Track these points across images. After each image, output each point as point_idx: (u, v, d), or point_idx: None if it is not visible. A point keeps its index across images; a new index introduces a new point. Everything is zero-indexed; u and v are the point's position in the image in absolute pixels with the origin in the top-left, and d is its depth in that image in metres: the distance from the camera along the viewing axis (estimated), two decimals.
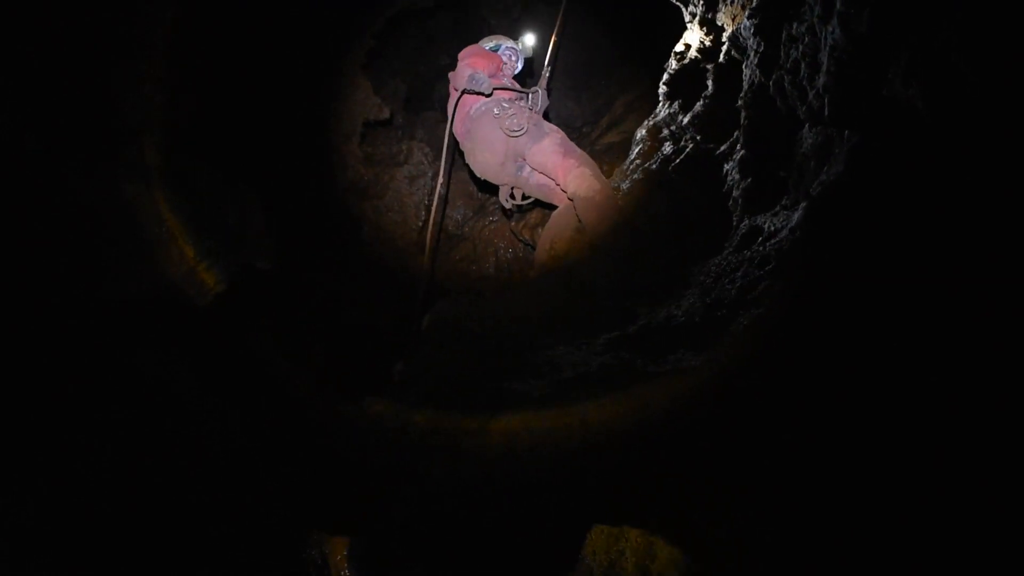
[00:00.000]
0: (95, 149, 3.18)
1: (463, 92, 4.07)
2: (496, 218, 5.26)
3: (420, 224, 5.36)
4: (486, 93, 4.01)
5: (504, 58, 4.49)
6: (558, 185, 4.00)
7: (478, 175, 4.41)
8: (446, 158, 4.20)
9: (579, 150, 4.03)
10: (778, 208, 2.81)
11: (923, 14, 1.89)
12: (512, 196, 4.40)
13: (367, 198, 5.41)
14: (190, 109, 3.62)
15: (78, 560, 2.27)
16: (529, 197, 4.38)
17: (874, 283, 2.08)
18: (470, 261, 5.03)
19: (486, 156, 4.18)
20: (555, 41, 4.45)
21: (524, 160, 4.14)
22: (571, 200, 3.82)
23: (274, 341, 3.42)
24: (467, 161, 4.40)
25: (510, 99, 4.16)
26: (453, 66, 6.64)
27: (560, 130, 4.20)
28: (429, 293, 4.04)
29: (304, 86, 4.86)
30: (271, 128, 4.39)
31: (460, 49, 6.40)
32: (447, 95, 6.79)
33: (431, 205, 5.47)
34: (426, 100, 6.71)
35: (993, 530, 1.57)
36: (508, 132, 3.97)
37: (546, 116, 4.33)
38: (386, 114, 5.67)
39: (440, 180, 4.29)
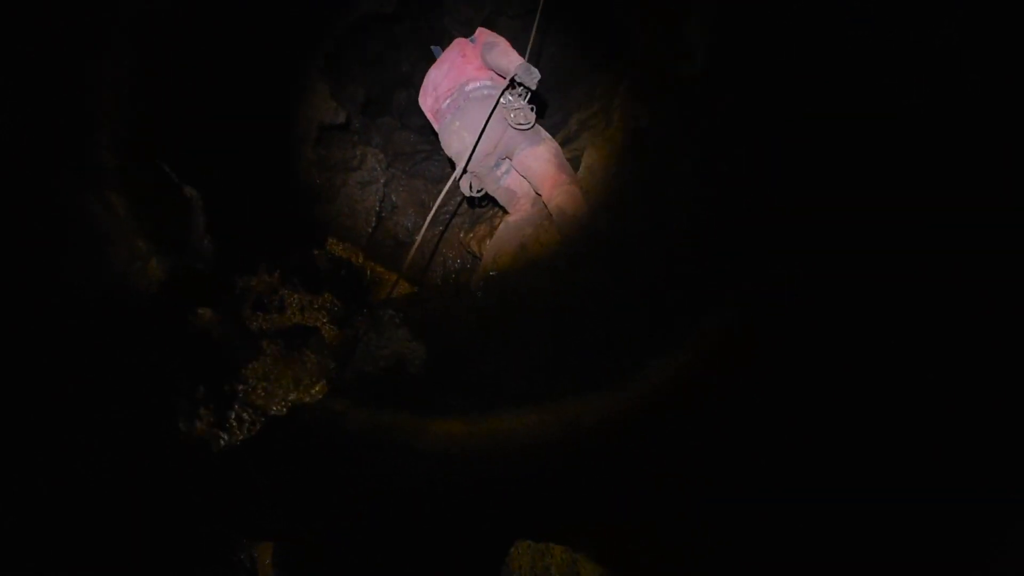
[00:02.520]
0: (50, 150, 3.11)
1: (511, 81, 3.77)
2: (445, 227, 5.26)
3: (370, 230, 5.33)
4: (532, 88, 3.77)
5: None
6: (539, 194, 3.93)
7: (451, 155, 4.23)
8: (473, 151, 3.88)
9: (569, 166, 3.96)
10: (719, 232, 2.85)
11: None
12: (471, 187, 4.17)
13: (318, 202, 5.35)
14: (144, 109, 3.55)
15: None
16: (482, 190, 4.21)
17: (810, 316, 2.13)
18: (418, 269, 5.01)
19: (474, 139, 3.87)
20: (534, 38, 4.24)
21: (509, 158, 4.03)
22: (551, 213, 3.75)
23: (206, 339, 3.36)
24: (441, 136, 4.22)
25: (514, 92, 3.92)
26: (414, 74, 6.66)
27: (554, 139, 4.08)
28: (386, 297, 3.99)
29: (259, 86, 4.80)
30: (222, 127, 4.32)
31: (421, 56, 6.40)
32: (406, 103, 6.83)
33: (381, 212, 5.44)
34: (384, 106, 6.68)
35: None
36: (514, 124, 3.79)
37: None
38: (342, 118, 5.61)
39: (460, 178, 3.99)
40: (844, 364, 1.90)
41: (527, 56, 4.08)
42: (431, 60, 4.70)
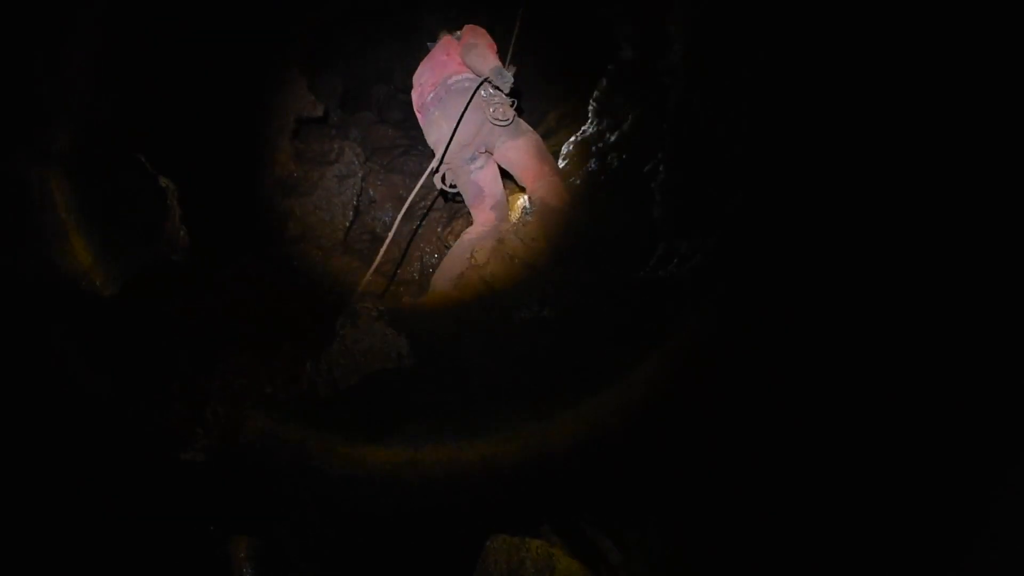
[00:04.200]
0: (6, 133, 3.07)
1: (483, 80, 3.83)
2: (421, 222, 5.24)
3: (347, 224, 5.30)
4: (505, 92, 3.83)
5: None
6: (522, 188, 3.97)
7: (430, 145, 4.26)
8: (449, 145, 3.93)
9: (551, 157, 3.97)
10: (695, 231, 2.88)
11: None
12: (444, 179, 4.20)
13: (295, 195, 5.30)
14: (113, 97, 3.51)
15: None
16: (455, 184, 4.21)
17: (786, 305, 2.16)
18: (394, 264, 4.99)
19: (450, 129, 3.89)
20: (514, 41, 4.32)
21: (490, 152, 4.05)
22: (534, 204, 3.80)
23: (173, 337, 3.32)
24: (424, 127, 4.24)
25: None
26: (393, 69, 6.64)
27: (535, 132, 4.11)
28: (349, 296, 3.99)
29: (237, 77, 4.76)
30: (198, 118, 4.29)
31: (401, 51, 6.37)
32: (385, 97, 6.80)
33: (359, 206, 5.40)
34: (363, 100, 6.65)
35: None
36: (492, 119, 3.83)
37: None
38: (320, 111, 5.58)
39: (436, 166, 4.05)
40: (830, 362, 1.92)
41: (508, 53, 4.17)
42: (412, 55, 4.71)
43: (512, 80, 3.79)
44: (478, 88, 3.82)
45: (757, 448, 1.99)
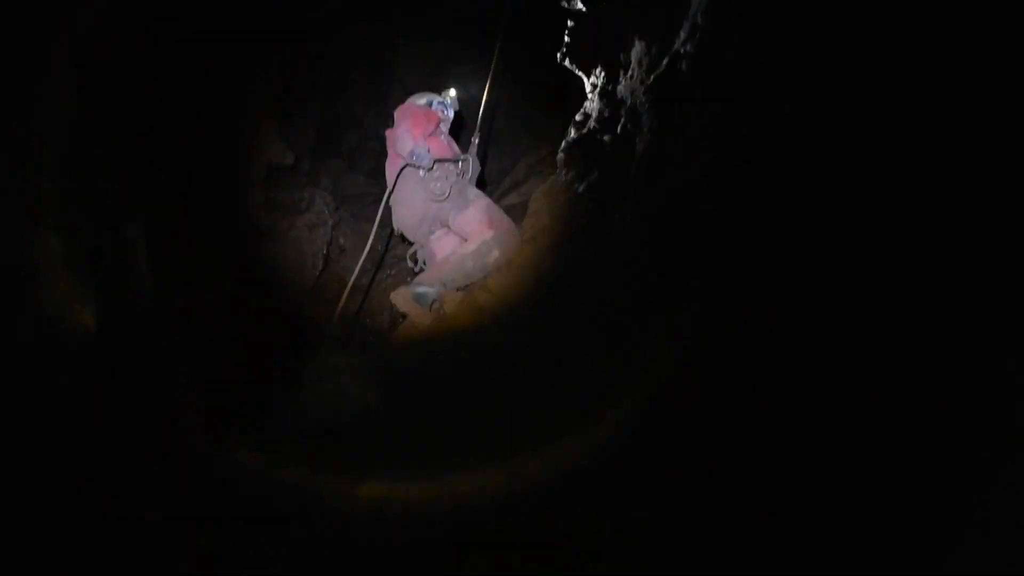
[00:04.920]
0: None
1: (405, 164, 4.12)
2: (394, 271, 5.24)
3: (317, 274, 5.27)
4: (428, 168, 4.06)
5: (440, 114, 4.52)
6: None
7: (395, 228, 4.50)
8: (377, 225, 4.27)
9: (504, 217, 4.15)
10: (664, 283, 2.89)
11: None
12: (416, 259, 4.49)
13: (265, 243, 5.28)
14: (81, 140, 3.48)
15: None
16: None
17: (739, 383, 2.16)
18: (364, 314, 4.96)
19: (404, 212, 4.28)
20: (485, 102, 4.60)
21: (447, 226, 4.20)
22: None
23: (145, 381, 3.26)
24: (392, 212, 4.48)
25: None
26: (364, 117, 6.69)
27: (485, 196, 4.30)
28: (321, 346, 3.99)
29: (207, 124, 4.76)
30: (168, 166, 4.26)
31: (373, 99, 6.44)
32: (356, 145, 6.84)
33: (329, 255, 5.40)
34: (334, 148, 6.67)
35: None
36: (432, 196, 4.05)
37: None
38: (291, 160, 5.58)
39: (368, 244, 4.32)
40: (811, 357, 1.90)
41: (479, 114, 4.54)
42: (384, 104, 4.84)
43: (427, 156, 4.05)
44: (399, 174, 4.14)
45: (743, 449, 1.97)
